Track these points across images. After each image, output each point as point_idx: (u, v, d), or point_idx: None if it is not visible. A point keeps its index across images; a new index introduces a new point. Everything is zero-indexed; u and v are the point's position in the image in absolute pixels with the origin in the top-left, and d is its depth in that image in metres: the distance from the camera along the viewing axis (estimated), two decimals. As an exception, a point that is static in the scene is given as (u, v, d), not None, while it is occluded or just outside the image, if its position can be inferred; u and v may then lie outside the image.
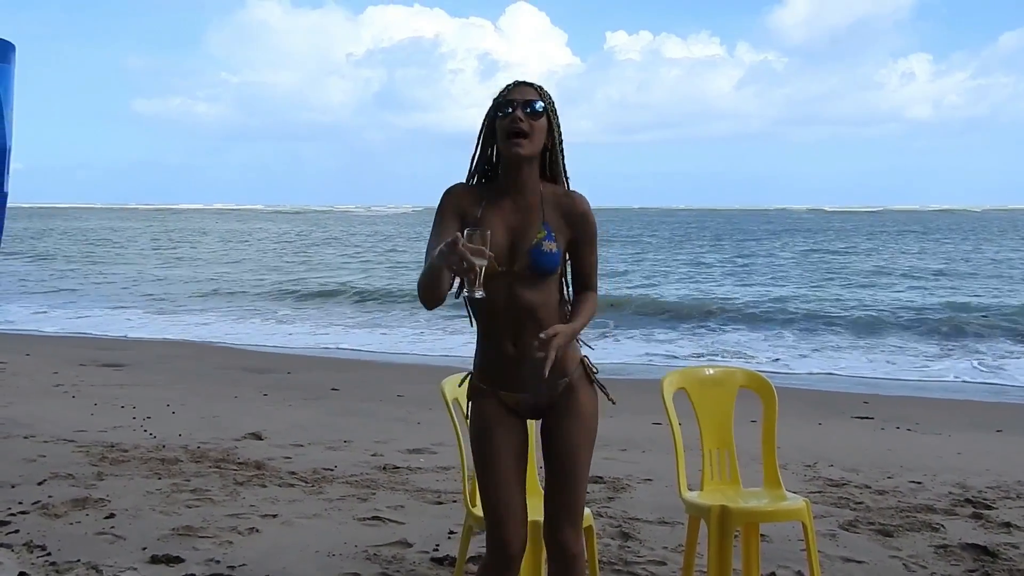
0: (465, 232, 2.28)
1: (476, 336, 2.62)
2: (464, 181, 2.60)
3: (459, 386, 2.77)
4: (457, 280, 2.41)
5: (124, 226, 66.96)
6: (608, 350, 12.04)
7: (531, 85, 2.54)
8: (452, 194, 2.56)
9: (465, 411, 2.72)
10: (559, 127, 2.56)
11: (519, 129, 2.46)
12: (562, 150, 2.59)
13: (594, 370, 2.64)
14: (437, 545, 4.12)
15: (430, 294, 2.41)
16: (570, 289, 2.66)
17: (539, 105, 2.49)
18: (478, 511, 2.85)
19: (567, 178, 2.62)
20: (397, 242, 45.87)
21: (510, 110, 2.48)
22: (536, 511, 2.71)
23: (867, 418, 7.83)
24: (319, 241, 47.98)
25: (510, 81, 2.57)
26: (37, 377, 9.12)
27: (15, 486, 4.94)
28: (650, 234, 54.60)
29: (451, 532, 4.27)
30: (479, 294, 2.28)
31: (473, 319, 2.60)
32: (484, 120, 2.57)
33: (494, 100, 2.55)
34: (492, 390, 2.60)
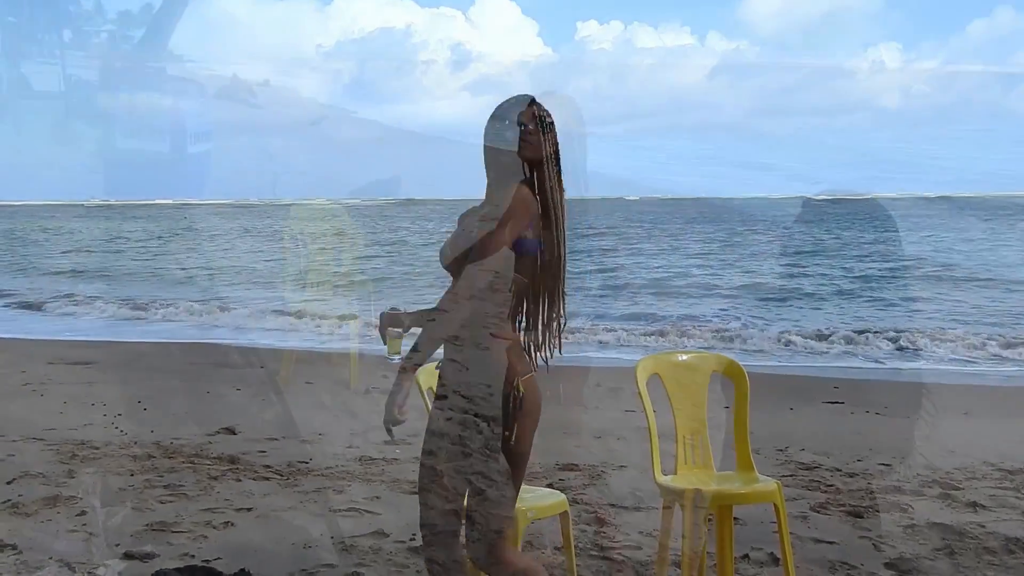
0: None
1: None
2: None
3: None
4: None
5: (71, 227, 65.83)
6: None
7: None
8: None
9: None
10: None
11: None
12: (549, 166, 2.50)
13: (518, 394, 2.39)
14: (414, 535, 4.13)
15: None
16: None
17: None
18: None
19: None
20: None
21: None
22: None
23: (837, 403, 7.93)
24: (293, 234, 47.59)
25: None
26: (3, 376, 8.99)
27: (-16, 485, 4.88)
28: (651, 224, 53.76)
29: (427, 522, 4.27)
30: (392, 359, 2.65)
31: None
32: None
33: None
34: None
